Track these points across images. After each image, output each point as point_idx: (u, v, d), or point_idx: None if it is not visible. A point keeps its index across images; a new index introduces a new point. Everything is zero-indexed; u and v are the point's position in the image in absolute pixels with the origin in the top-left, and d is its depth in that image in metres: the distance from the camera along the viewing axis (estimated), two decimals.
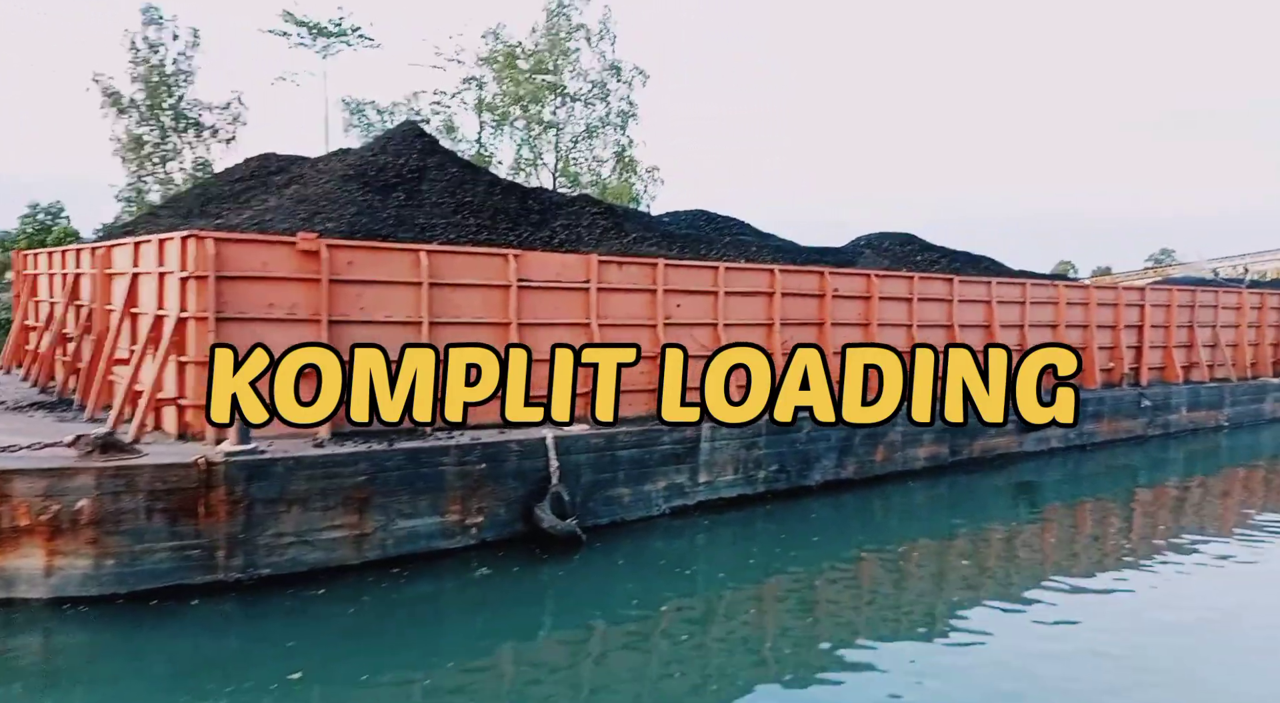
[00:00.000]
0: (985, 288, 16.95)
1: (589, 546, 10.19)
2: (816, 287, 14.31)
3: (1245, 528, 13.02)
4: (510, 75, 40.71)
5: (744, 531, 11.87)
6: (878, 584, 10.17)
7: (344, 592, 8.46)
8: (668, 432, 11.54)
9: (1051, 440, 17.38)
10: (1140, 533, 13.08)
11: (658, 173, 48.74)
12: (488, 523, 9.83)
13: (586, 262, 11.52)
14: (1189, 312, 21.22)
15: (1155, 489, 16.29)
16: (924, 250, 17.66)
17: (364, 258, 9.89)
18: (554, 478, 10.21)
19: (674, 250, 13.47)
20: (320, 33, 41.70)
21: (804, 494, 13.34)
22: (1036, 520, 13.84)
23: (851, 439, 13.93)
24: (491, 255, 10.78)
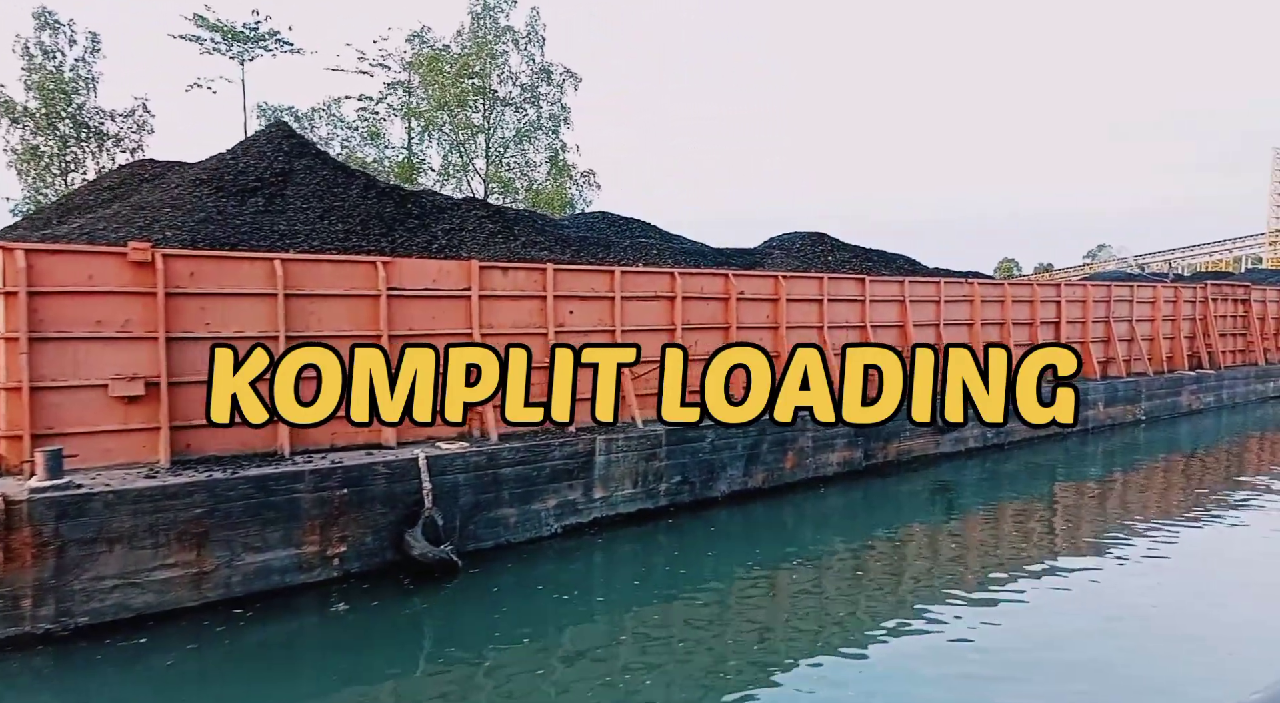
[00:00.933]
0: (899, 287, 16.69)
1: (467, 573, 9.49)
2: (721, 289, 13.83)
3: (1163, 522, 12.86)
4: (435, 80, 39.76)
5: (645, 548, 11.27)
6: (794, 596, 9.68)
7: (180, 638, 7.64)
8: (558, 446, 10.91)
9: (969, 441, 17.18)
10: (1061, 531, 12.87)
11: (594, 177, 48.29)
12: (352, 553, 9.08)
13: (467, 267, 10.84)
14: (1105, 307, 21.32)
15: (1075, 486, 16.14)
16: (836, 249, 17.35)
17: (209, 268, 9.07)
18: (427, 501, 9.49)
19: (568, 254, 12.86)
20: (235, 38, 40.25)
21: (710, 506, 12.82)
22: (956, 522, 13.54)
23: (759, 447, 13.46)
24: (358, 263, 10.03)
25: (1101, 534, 12.20)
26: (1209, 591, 9.87)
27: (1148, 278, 42.02)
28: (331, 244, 10.45)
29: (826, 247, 17.28)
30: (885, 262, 18.07)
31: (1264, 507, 14.03)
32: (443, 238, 11.62)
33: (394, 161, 42.59)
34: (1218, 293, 24.80)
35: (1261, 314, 26.50)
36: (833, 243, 17.55)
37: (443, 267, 10.68)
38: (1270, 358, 26.53)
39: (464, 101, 40.48)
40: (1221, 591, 9.82)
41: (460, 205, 12.37)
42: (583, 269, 12.13)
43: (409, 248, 11.12)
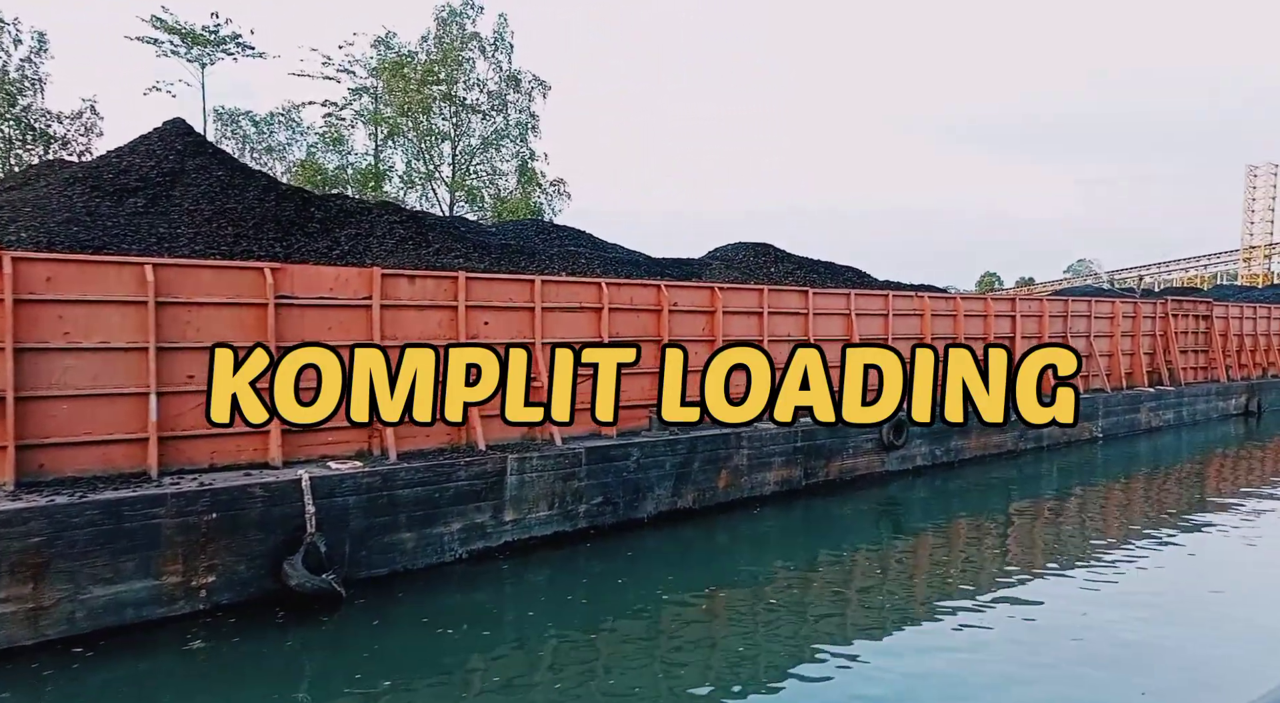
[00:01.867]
0: (845, 300, 16.19)
1: (353, 603, 8.80)
2: (653, 301, 13.25)
3: (1114, 546, 12.37)
4: (398, 86, 39.09)
5: (562, 573, 10.62)
6: (729, 624, 9.12)
7: (10, 682, 6.92)
8: (464, 466, 10.25)
9: (917, 459, 16.66)
10: (1012, 553, 12.41)
11: (564, 186, 47.74)
12: (222, 584, 8.37)
13: (368, 275, 10.20)
14: (1062, 322, 20.94)
15: (1026, 507, 15.66)
16: (780, 260, 16.84)
17: (69, 273, 8.38)
18: (310, 526, 8.81)
19: (486, 263, 12.25)
20: (194, 40, 39.42)
21: (635, 528, 12.18)
22: (902, 544, 13.04)
23: (690, 465, 12.86)
24: (243, 269, 9.37)
25: (1052, 557, 11.76)
26: (1156, 623, 9.33)
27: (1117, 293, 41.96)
28: (218, 249, 9.78)
29: (770, 257, 16.77)
30: (832, 274, 17.60)
31: (1221, 529, 13.58)
32: (346, 243, 10.97)
33: (357, 169, 41.88)
34: (1179, 309, 24.53)
35: (1223, 330, 26.27)
36: (777, 254, 17.04)
37: (341, 274, 10.03)
38: (1232, 375, 26.28)
39: (427, 108, 39.83)
40: (1168, 622, 9.30)
41: (372, 210, 11.74)
42: (499, 278, 11.51)
43: (306, 254, 10.47)
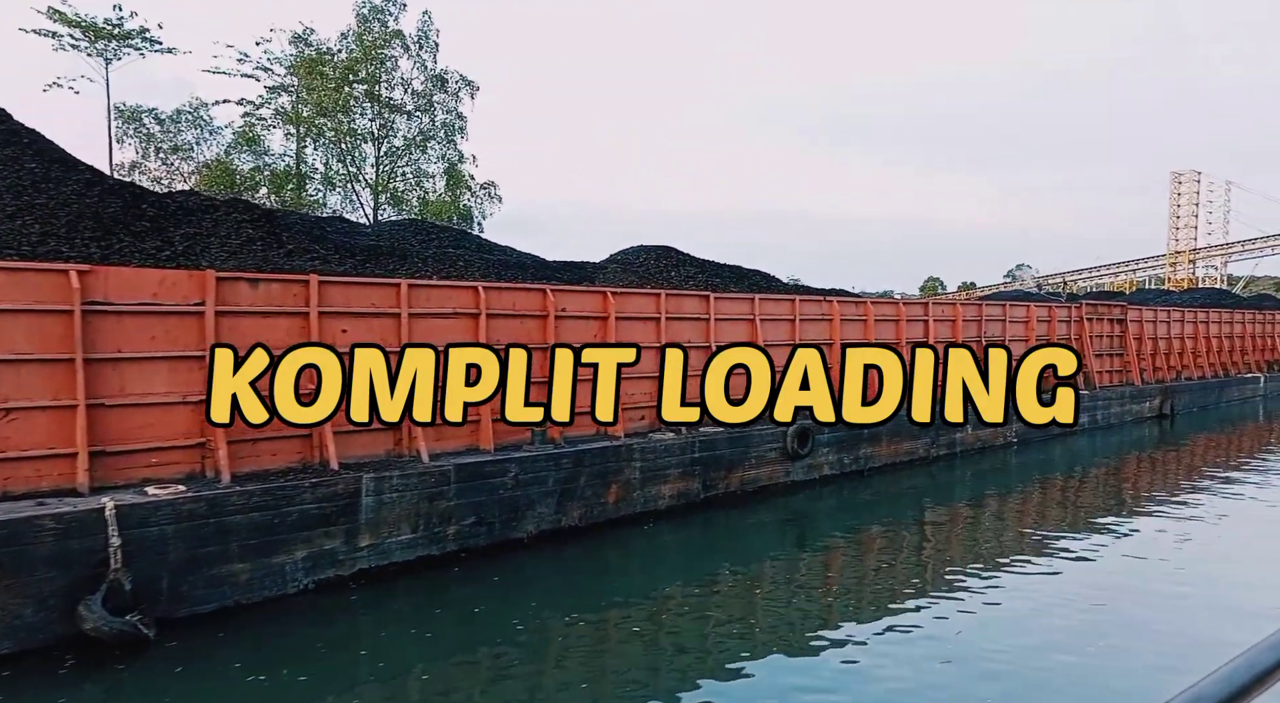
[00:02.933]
0: (749, 304, 15.65)
1: (163, 646, 7.87)
2: (538, 306, 12.51)
3: (1028, 554, 12.08)
4: (315, 84, 37.71)
5: (426, 602, 9.79)
6: (620, 645, 8.50)
7: None
8: (310, 488, 9.37)
9: (824, 467, 16.19)
10: (923, 564, 12.07)
11: (495, 189, 46.73)
12: (1, 630, 7.38)
13: (201, 278, 9.26)
14: (976, 326, 20.77)
15: (937, 515, 15.32)
16: (681, 264, 16.25)
17: None
18: (115, 560, 7.86)
19: (349, 265, 11.38)
20: (97, 34, 37.51)
21: (513, 549, 11.40)
22: (809, 557, 12.58)
23: (576, 480, 12.13)
24: (43, 271, 8.37)
25: (962, 568, 11.40)
26: (1061, 632, 8.99)
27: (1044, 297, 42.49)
28: (17, 249, 8.76)
29: (672, 261, 16.16)
30: (739, 277, 17.07)
31: (1135, 534, 13.35)
32: (180, 244, 10.01)
33: (275, 171, 40.31)
34: (1094, 312, 24.64)
35: (1138, 334, 26.50)
36: (679, 257, 16.45)
37: (167, 277, 9.08)
38: (1146, 378, 26.53)
39: (346, 107, 38.53)
40: (1076, 633, 8.90)
41: (218, 207, 10.80)
42: (359, 282, 10.66)
43: (131, 255, 9.49)
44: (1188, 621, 9.50)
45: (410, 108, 42.23)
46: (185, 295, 9.16)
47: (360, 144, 41.04)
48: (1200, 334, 29.66)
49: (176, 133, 35.66)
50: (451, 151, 44.14)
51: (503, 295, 12.09)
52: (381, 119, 41.44)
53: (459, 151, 44.49)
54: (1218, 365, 30.47)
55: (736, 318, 15.40)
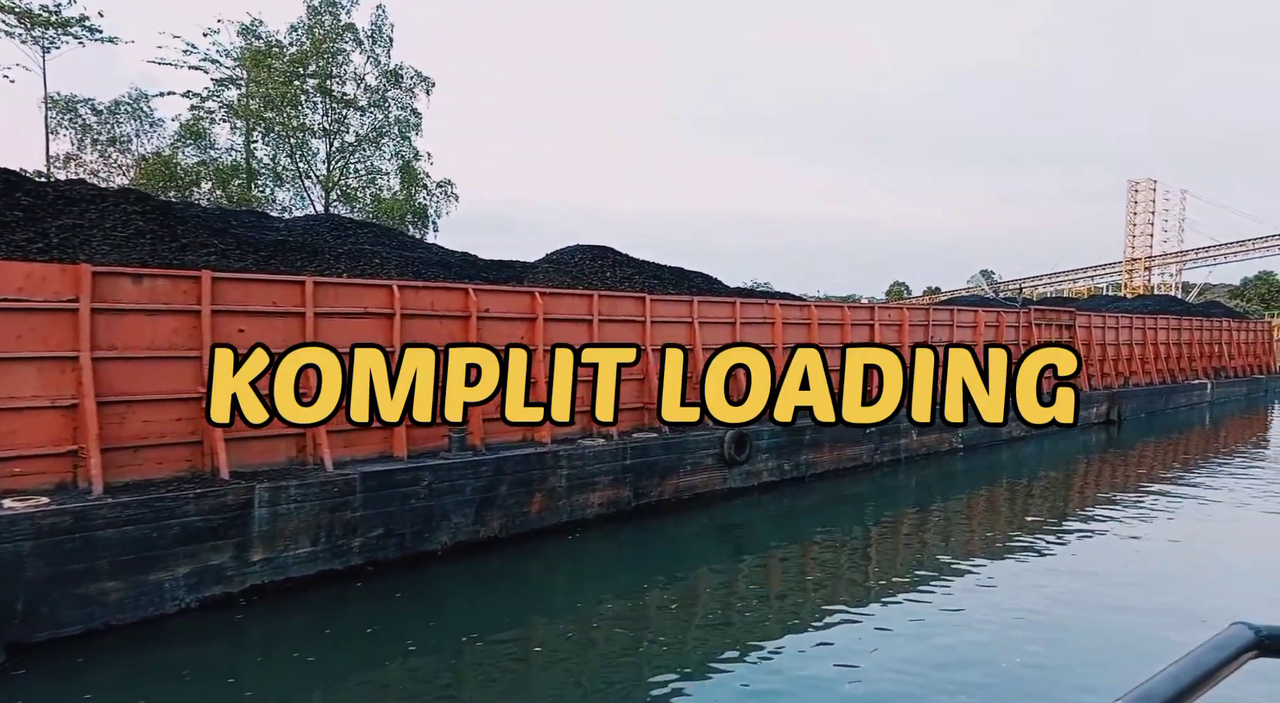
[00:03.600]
0: (687, 307, 15.22)
1: (10, 675, 7.21)
2: (459, 306, 11.96)
3: (973, 560, 11.85)
4: (262, 77, 36.68)
5: (319, 621, 9.15)
6: (535, 666, 8.01)
7: None
8: (194, 499, 8.73)
9: (764, 474, 15.80)
10: (866, 571, 11.78)
11: (451, 187, 45.93)
12: None
13: (74, 273, 8.58)
14: (923, 331, 20.55)
15: (882, 521, 15.02)
16: (619, 265, 15.77)
17: None
18: None
19: (251, 261, 10.75)
20: (33, 21, 36.14)
21: (427, 562, 10.83)
22: (745, 566, 12.17)
23: (496, 488, 11.59)
24: None
25: (905, 577, 11.13)
26: (1006, 639, 8.73)
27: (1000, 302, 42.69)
28: None
29: (608, 261, 15.68)
30: (679, 279, 16.63)
31: (1080, 540, 13.12)
32: (57, 236, 9.30)
33: (222, 165, 39.15)
34: (1042, 318, 24.60)
35: (1086, 340, 26.54)
36: (616, 258, 15.97)
37: (34, 271, 8.39)
38: (1094, 384, 26.58)
39: (294, 100, 37.55)
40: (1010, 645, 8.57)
41: (107, 198, 10.10)
42: (259, 278, 10.03)
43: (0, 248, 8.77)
44: (1130, 625, 9.32)
45: (363, 103, 41.35)
46: (56, 291, 8.48)
47: (309, 139, 40.05)
48: (1148, 341, 29.85)
49: (115, 125, 34.43)
50: (406, 149, 43.34)
51: (420, 295, 11.52)
52: (333, 114, 40.52)
53: (414, 149, 43.71)
54: (1165, 372, 30.71)
55: (674, 321, 14.96)
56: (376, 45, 41.06)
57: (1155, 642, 8.68)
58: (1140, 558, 12.23)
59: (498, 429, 12.43)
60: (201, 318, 9.43)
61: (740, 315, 16.15)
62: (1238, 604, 9.92)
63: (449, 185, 45.69)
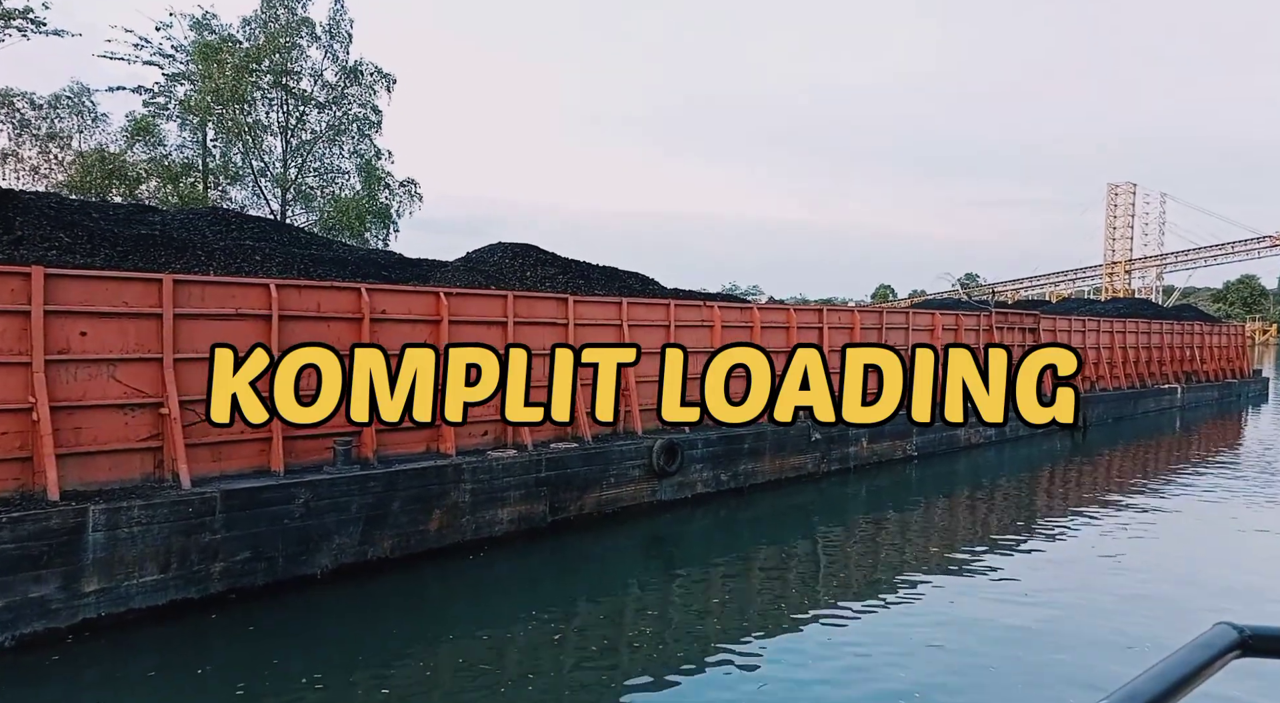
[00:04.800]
0: (616, 309, 14.33)
1: None
2: (351, 308, 11.02)
3: (922, 576, 11.11)
4: (210, 71, 35.50)
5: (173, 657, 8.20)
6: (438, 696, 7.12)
7: None
8: (7, 525, 7.75)
9: (698, 485, 14.91)
10: (807, 586, 11.05)
11: (415, 187, 44.87)
12: None
13: None
14: (876, 334, 19.75)
15: (827, 533, 14.23)
16: (541, 264, 14.84)
17: None
18: None
19: (103, 256, 9.77)
20: None
21: (305, 588, 9.88)
22: (673, 583, 11.35)
23: (388, 505, 10.65)
24: None
25: (853, 591, 10.62)
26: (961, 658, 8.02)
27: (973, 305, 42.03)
28: None
29: (530, 260, 14.74)
30: (610, 279, 15.73)
31: (1040, 552, 12.35)
32: None
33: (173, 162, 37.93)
34: (1004, 321, 23.86)
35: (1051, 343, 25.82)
36: (539, 256, 15.03)
37: None
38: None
39: (244, 96, 36.42)
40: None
41: None
42: (106, 276, 9.05)
43: None
44: (1088, 647, 8.63)
45: (321, 100, 40.28)
46: None
47: (264, 136, 38.91)
48: (1116, 344, 29.19)
49: (55, 119, 33.21)
50: (366, 147, 42.27)
51: (303, 295, 10.57)
52: (289, 110, 39.42)
53: (375, 147, 42.65)
54: (1134, 376, 30.06)
55: (601, 323, 14.06)
56: (334, 41, 40.02)
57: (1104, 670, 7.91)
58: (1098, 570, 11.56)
59: (397, 440, 11.52)
60: (32, 320, 8.45)
61: (675, 318, 15.28)
62: (1205, 618, 9.15)
63: (412, 185, 44.68)
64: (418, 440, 11.78)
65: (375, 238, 42.11)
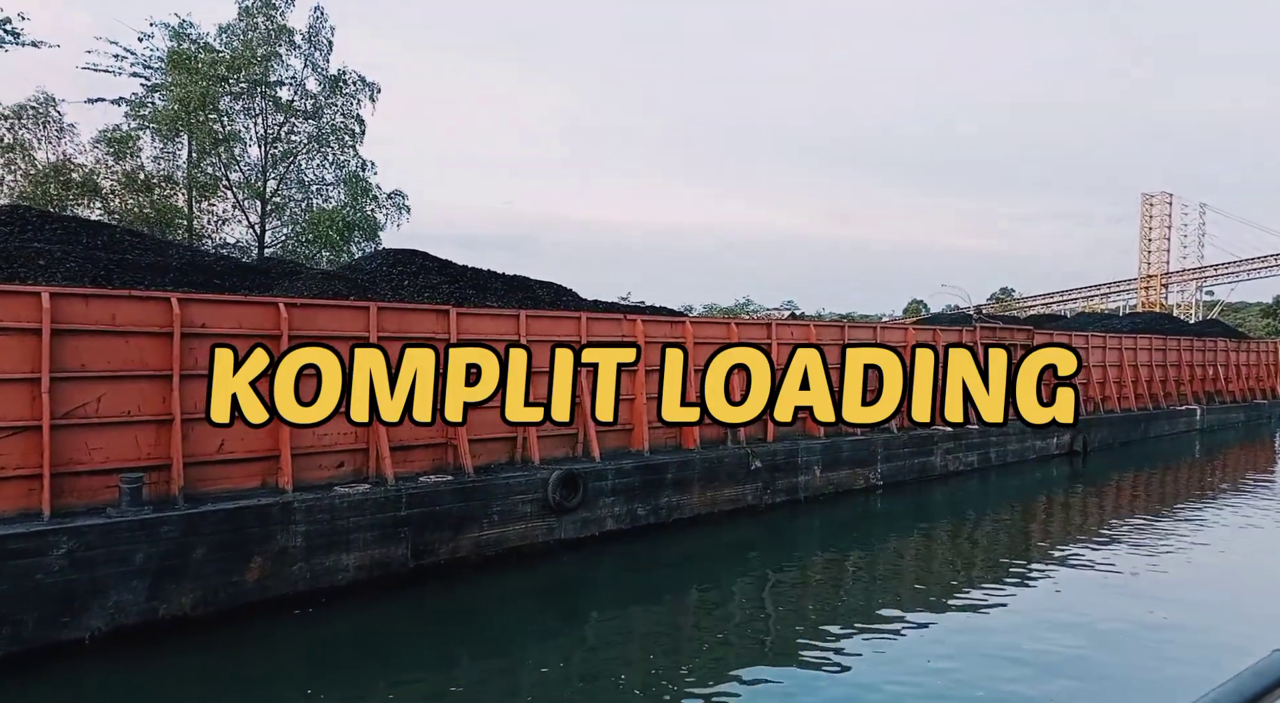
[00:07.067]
0: (512, 322, 12.68)
1: None
2: (160, 321, 9.47)
3: (875, 631, 9.43)
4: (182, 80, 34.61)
5: None
6: None
7: None
8: None
9: (607, 521, 13.14)
10: (732, 640, 9.43)
11: (404, 199, 43.76)
12: None
13: None
14: (837, 351, 17.84)
15: (768, 577, 12.49)
16: (426, 272, 13.17)
17: None
18: None
19: None
20: None
21: (67, 655, 8.27)
22: (562, 642, 9.71)
23: (188, 553, 9.04)
24: None
25: (788, 647, 9.05)
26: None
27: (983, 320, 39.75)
28: None
29: (411, 269, 13.09)
30: (514, 289, 14.07)
31: (1001, 608, 10.44)
32: None
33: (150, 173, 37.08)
34: (991, 337, 21.83)
35: None
36: (425, 263, 13.37)
37: None
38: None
39: (217, 105, 35.50)
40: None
41: None
42: None
43: None
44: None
45: (302, 109, 39.32)
46: None
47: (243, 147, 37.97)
48: (1125, 361, 26.89)
49: (19, 129, 32.48)
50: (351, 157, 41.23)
51: (91, 306, 9.04)
52: (268, 121, 38.48)
53: (360, 158, 41.62)
54: (1146, 396, 27.71)
55: (494, 338, 12.39)
56: (315, 49, 39.09)
57: None
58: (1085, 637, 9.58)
59: (221, 474, 9.94)
60: None
61: (588, 333, 13.58)
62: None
63: (400, 196, 43.57)
64: (250, 474, 10.19)
65: (361, 251, 40.99)
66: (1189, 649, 9.29)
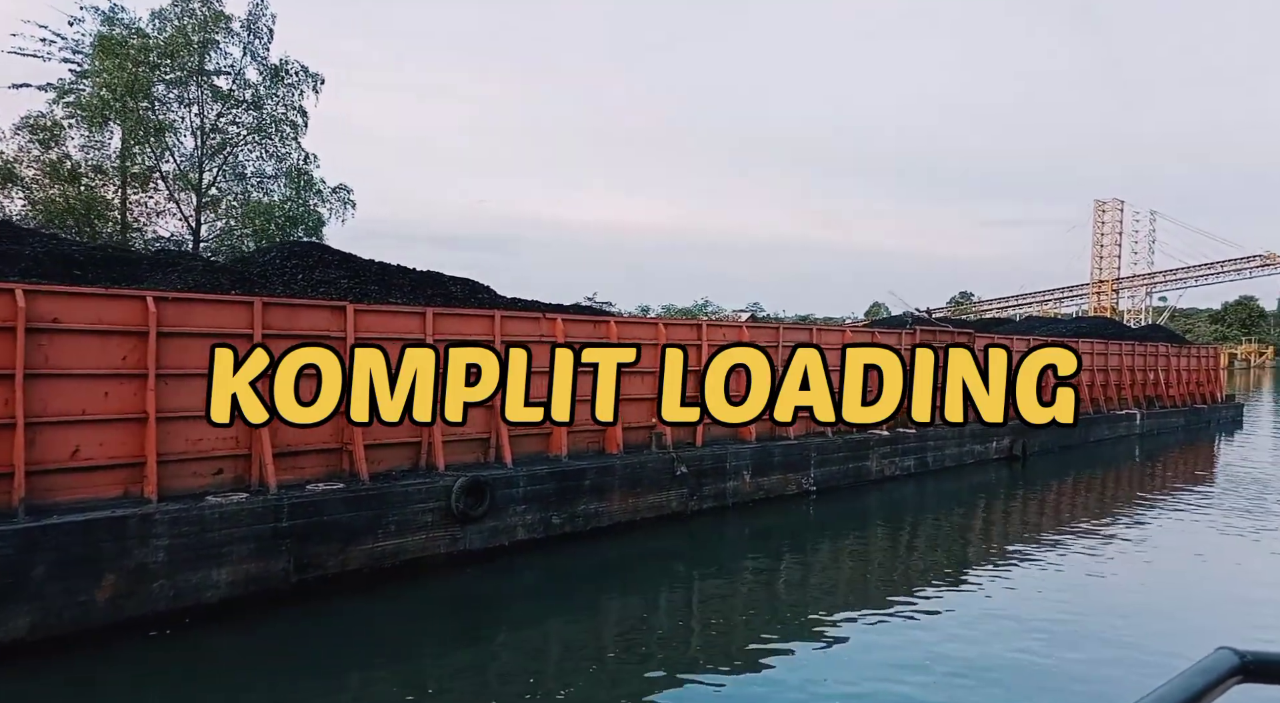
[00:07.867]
0: (418, 321, 11.95)
1: None
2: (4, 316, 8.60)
3: (797, 641, 8.81)
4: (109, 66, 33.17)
5: None
6: None
7: None
8: None
9: (517, 530, 12.45)
10: (645, 656, 8.81)
11: (349, 194, 42.61)
12: None
13: None
14: (774, 352, 17.36)
15: (694, 586, 11.93)
16: (324, 266, 12.37)
17: None
18: None
19: None
20: None
21: None
22: (465, 660, 9.05)
23: (25, 571, 8.18)
24: None
25: (705, 660, 8.32)
26: None
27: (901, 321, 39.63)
28: None
29: (308, 262, 12.28)
30: (422, 286, 13.32)
31: (935, 616, 9.89)
32: None
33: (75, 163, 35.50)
34: (931, 340, 21.53)
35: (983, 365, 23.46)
36: (324, 257, 12.56)
37: None
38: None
39: (147, 92, 34.12)
40: None
41: None
42: None
43: None
44: None
45: (242, 99, 38.01)
46: None
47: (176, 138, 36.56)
48: None
49: None
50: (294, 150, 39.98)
51: None
52: (203, 110, 37.12)
53: (303, 151, 40.39)
54: (1087, 401, 27.71)
55: (396, 337, 11.65)
56: (255, 38, 37.83)
57: None
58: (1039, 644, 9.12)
59: (75, 483, 9.09)
60: None
61: (503, 332, 12.89)
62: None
63: (345, 191, 42.43)
64: (111, 482, 9.35)
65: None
66: (1130, 650, 9.06)
